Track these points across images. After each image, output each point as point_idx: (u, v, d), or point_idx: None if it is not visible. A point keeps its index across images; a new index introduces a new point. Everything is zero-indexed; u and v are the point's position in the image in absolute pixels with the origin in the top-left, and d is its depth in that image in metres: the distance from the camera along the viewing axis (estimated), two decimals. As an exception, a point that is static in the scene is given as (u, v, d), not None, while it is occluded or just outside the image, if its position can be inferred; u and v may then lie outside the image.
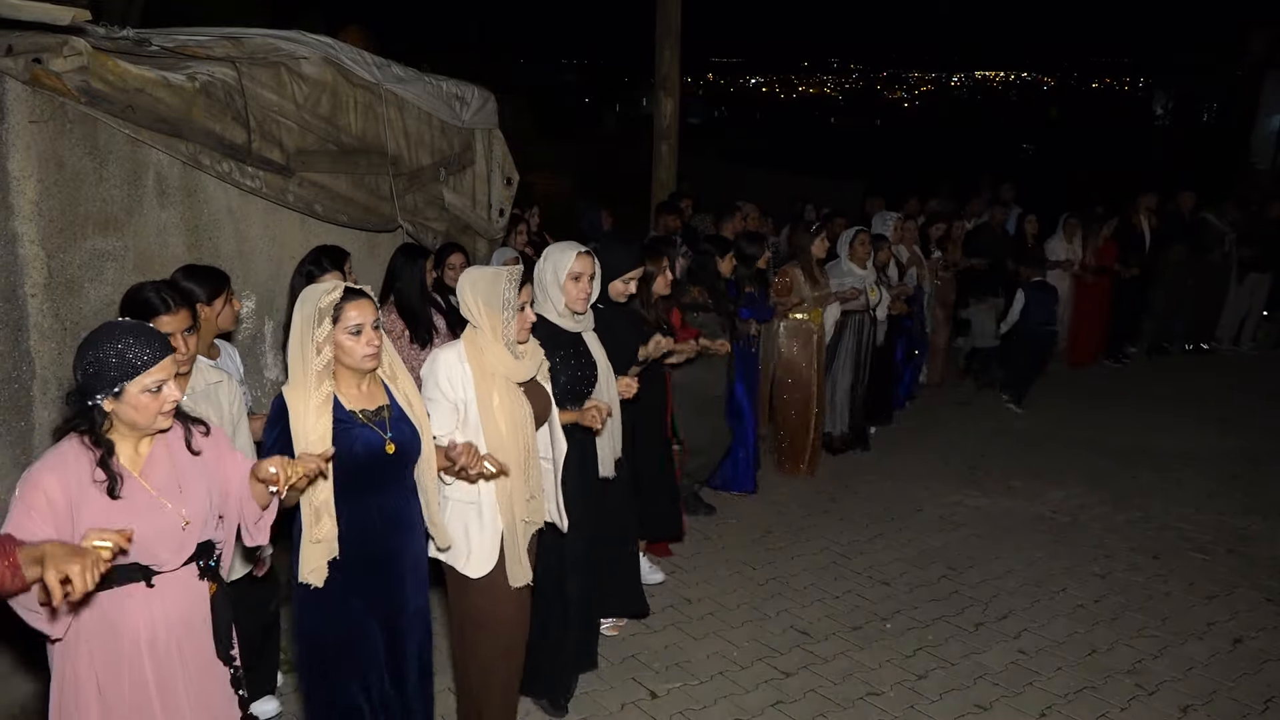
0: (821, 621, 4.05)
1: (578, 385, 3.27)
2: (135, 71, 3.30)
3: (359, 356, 2.43)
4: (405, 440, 2.53)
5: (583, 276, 3.20)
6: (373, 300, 2.47)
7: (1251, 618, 4.13)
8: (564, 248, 3.25)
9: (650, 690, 3.53)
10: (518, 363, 2.83)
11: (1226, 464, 6.09)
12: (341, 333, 2.41)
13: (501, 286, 2.78)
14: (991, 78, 65.67)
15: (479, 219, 5.31)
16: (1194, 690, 3.57)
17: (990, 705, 3.45)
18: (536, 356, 2.94)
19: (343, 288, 2.42)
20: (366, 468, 2.46)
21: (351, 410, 2.47)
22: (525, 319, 2.85)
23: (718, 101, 51.73)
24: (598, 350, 3.35)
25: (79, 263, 3.25)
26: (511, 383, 2.83)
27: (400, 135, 4.65)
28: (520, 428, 2.82)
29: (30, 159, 3.07)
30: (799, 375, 5.65)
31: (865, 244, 5.87)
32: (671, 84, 7.70)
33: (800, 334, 5.64)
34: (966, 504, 5.39)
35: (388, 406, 2.54)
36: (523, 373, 2.85)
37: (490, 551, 2.82)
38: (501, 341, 2.79)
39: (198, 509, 2.14)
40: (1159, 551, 4.79)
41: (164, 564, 2.09)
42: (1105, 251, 8.08)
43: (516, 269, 2.84)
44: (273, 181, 3.94)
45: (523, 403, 2.85)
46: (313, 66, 4.10)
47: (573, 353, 3.26)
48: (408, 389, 2.60)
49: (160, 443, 2.14)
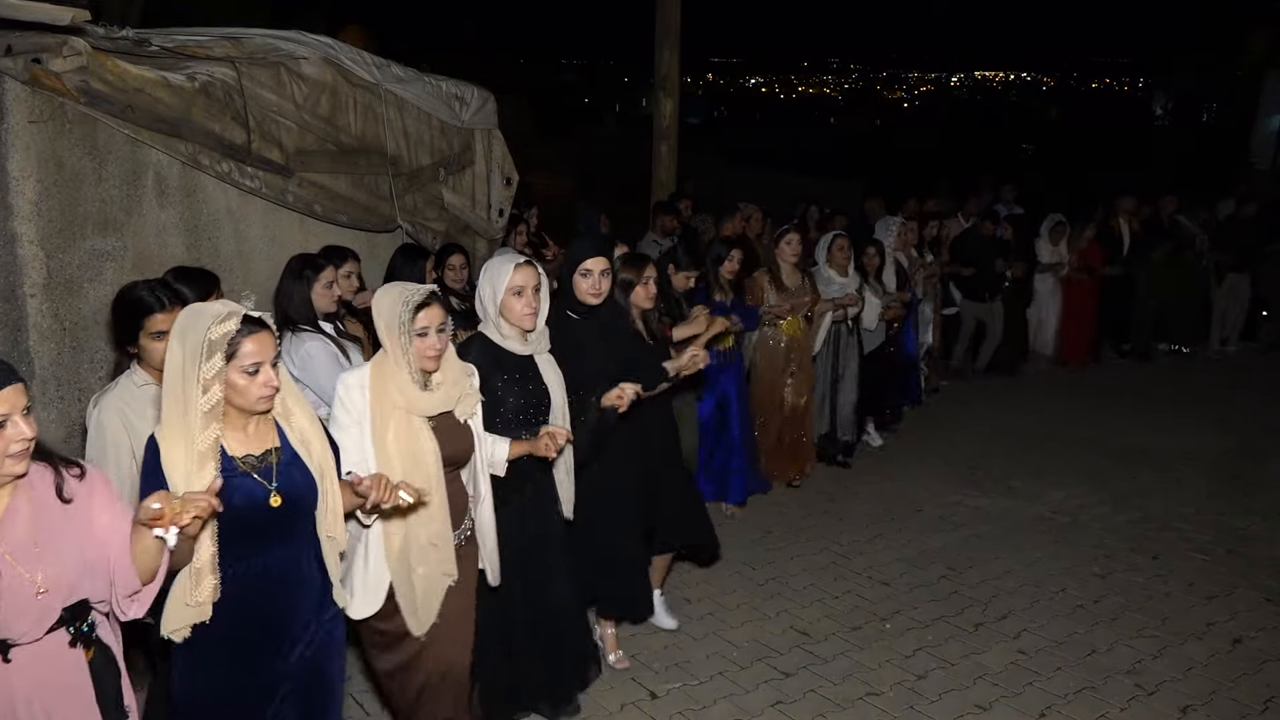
0: (821, 621, 4.05)
1: (527, 414, 2.95)
2: (135, 71, 3.30)
3: (253, 399, 2.08)
4: (296, 490, 2.17)
5: (525, 290, 2.86)
6: (272, 332, 2.12)
7: (1251, 618, 4.13)
8: (502, 260, 2.93)
9: (650, 690, 3.53)
10: (423, 395, 2.52)
11: (1226, 464, 6.09)
12: (235, 371, 2.04)
13: (399, 307, 2.48)
14: (991, 78, 65.71)
15: (479, 219, 5.31)
16: (1194, 690, 3.57)
17: (990, 705, 3.45)
18: (456, 389, 2.61)
19: (239, 316, 2.04)
20: (247, 523, 2.10)
21: (234, 456, 2.12)
22: (426, 346, 2.49)
23: (718, 101, 51.73)
24: (553, 374, 3.02)
25: (78, 263, 3.26)
26: (415, 417, 2.52)
27: (400, 135, 4.65)
28: (421, 467, 2.50)
29: (30, 159, 3.07)
30: (764, 385, 5.38)
31: (844, 249, 5.64)
32: (671, 84, 7.70)
33: (768, 343, 5.37)
34: (966, 504, 5.39)
35: (277, 450, 2.18)
36: (428, 406, 2.53)
37: (375, 592, 2.54)
38: (405, 369, 2.50)
39: (60, 571, 1.85)
40: (1159, 551, 4.79)
41: (21, 636, 1.83)
42: (1090, 252, 8.10)
43: (422, 288, 2.53)
44: (272, 182, 3.94)
45: (426, 440, 2.53)
46: (312, 66, 4.10)
47: (521, 377, 2.95)
48: (305, 427, 2.24)
49: (22, 491, 1.86)
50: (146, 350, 2.57)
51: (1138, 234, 8.41)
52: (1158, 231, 8.50)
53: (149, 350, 2.56)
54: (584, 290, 3.23)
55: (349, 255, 3.87)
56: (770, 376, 5.40)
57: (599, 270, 3.21)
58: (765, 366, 5.40)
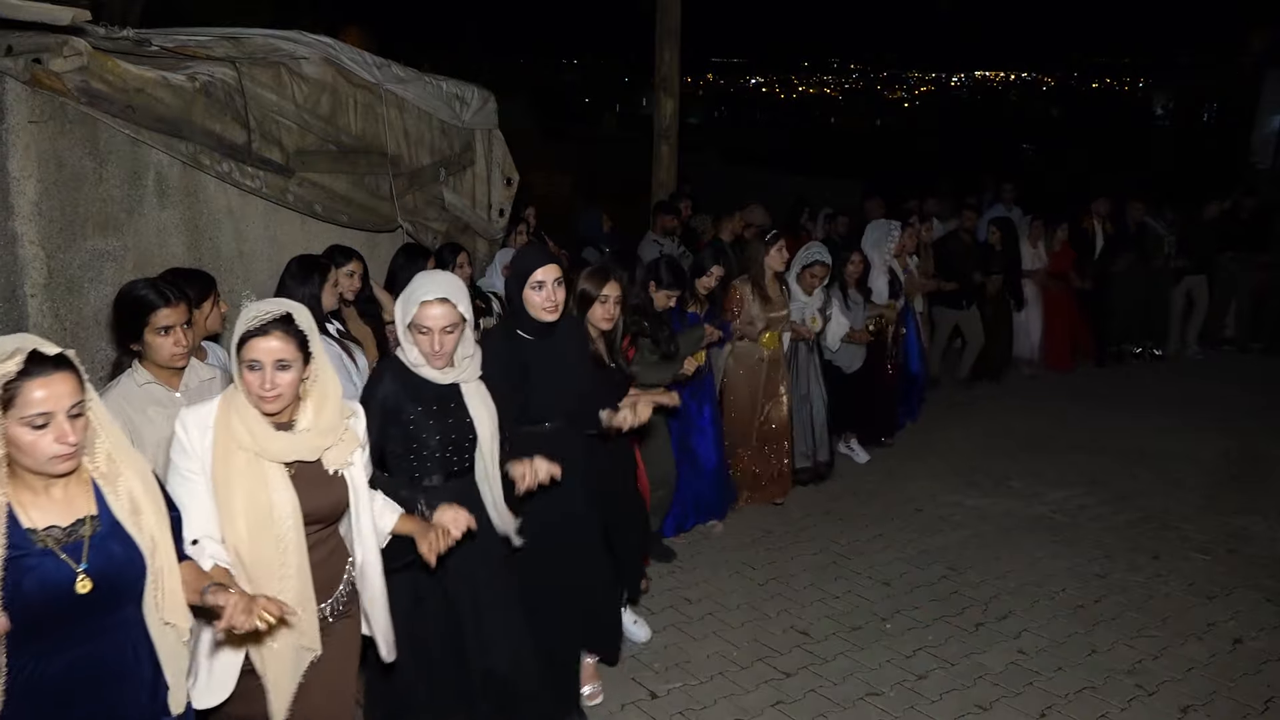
0: (821, 621, 4.05)
1: (447, 452, 2.56)
2: (135, 71, 3.30)
3: (43, 459, 1.67)
4: (114, 569, 1.75)
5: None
6: (76, 374, 1.70)
7: (1251, 618, 4.13)
8: (420, 278, 2.58)
9: (650, 690, 3.53)
10: (276, 436, 2.08)
11: (1226, 464, 6.09)
12: (16, 423, 1.64)
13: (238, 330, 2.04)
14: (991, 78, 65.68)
15: (479, 219, 5.32)
16: (1194, 690, 3.57)
17: (990, 705, 3.45)
18: (325, 437, 2.16)
19: (23, 355, 1.63)
20: (44, 614, 1.68)
21: (30, 529, 1.69)
22: (256, 383, 2.04)
23: (718, 101, 51.72)
24: (480, 406, 2.62)
25: (79, 263, 3.26)
26: (267, 463, 2.08)
27: (400, 135, 4.65)
28: (270, 526, 2.07)
29: (30, 159, 3.08)
30: (739, 403, 5.03)
31: (816, 276, 5.22)
32: (671, 84, 7.70)
33: (744, 358, 5.01)
34: (966, 504, 5.39)
35: (92, 519, 1.76)
36: (280, 450, 2.09)
37: (222, 675, 2.10)
38: (254, 405, 2.07)
39: None
40: (1159, 551, 4.79)
41: None
42: (1061, 257, 7.93)
43: (262, 313, 2.06)
44: (273, 181, 3.94)
45: (279, 492, 2.08)
46: (313, 66, 4.10)
47: (440, 409, 2.55)
48: (136, 491, 1.81)
49: None
50: (151, 347, 2.59)
51: (1111, 236, 8.28)
52: (1125, 235, 8.37)
53: (153, 347, 2.59)
54: (537, 305, 2.85)
55: (353, 255, 3.88)
56: (749, 393, 5.04)
57: (552, 280, 2.84)
58: (742, 383, 5.03)
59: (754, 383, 5.05)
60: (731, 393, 5.06)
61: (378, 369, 2.67)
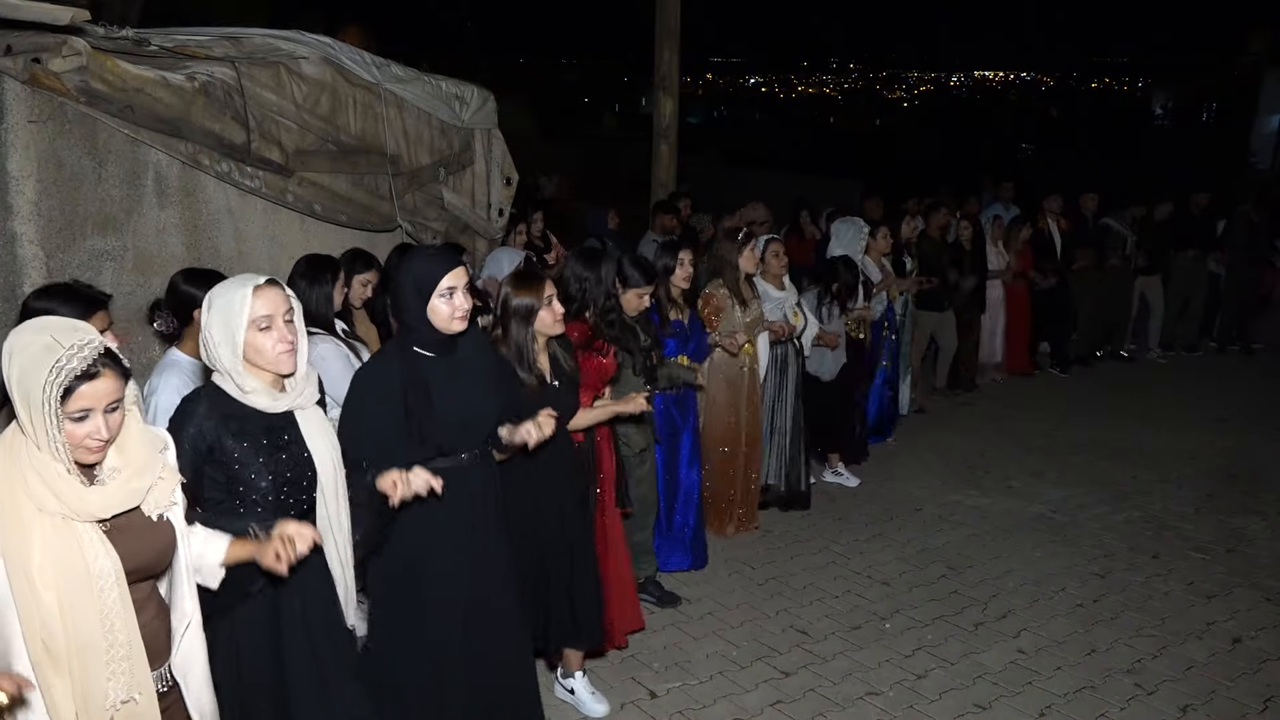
0: (821, 621, 4.05)
1: (281, 494, 2.13)
2: (134, 71, 3.30)
3: None
4: None
5: (275, 319, 2.07)
6: None
7: (1251, 617, 4.13)
8: (234, 283, 2.10)
9: (650, 690, 3.53)
10: (89, 492, 1.70)
11: (1226, 464, 6.09)
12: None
13: (43, 376, 1.61)
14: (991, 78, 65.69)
15: (478, 219, 5.32)
16: (1193, 690, 3.57)
17: (990, 705, 3.45)
18: (143, 476, 1.78)
19: None
20: None
21: None
22: (84, 434, 1.66)
23: (717, 101, 51.75)
24: (320, 438, 2.21)
25: (78, 263, 3.26)
26: (78, 523, 1.69)
27: (400, 135, 4.65)
28: (91, 595, 1.69)
29: (29, 159, 3.08)
30: (721, 419, 4.66)
31: (779, 256, 4.84)
32: (671, 84, 7.70)
33: (726, 369, 4.63)
34: (966, 504, 5.39)
35: None
36: (101, 507, 1.71)
37: None
38: (59, 461, 1.66)
39: None
40: (1159, 551, 4.79)
41: None
42: (1022, 257, 7.77)
43: (85, 350, 1.65)
44: (272, 181, 3.94)
45: (98, 555, 1.70)
46: (312, 66, 4.11)
47: (270, 445, 2.12)
48: None
49: None
50: None
51: (1068, 234, 8.17)
52: (1083, 233, 8.26)
53: None
54: (445, 316, 2.48)
55: (373, 264, 3.80)
56: (729, 403, 4.67)
57: (462, 286, 2.50)
58: (723, 393, 4.65)
59: (735, 394, 4.67)
60: (711, 405, 4.66)
61: (187, 403, 2.14)
